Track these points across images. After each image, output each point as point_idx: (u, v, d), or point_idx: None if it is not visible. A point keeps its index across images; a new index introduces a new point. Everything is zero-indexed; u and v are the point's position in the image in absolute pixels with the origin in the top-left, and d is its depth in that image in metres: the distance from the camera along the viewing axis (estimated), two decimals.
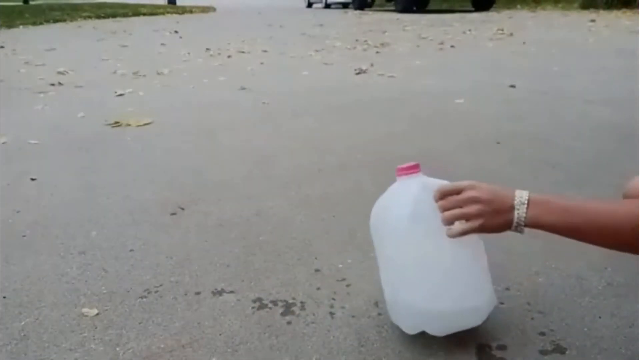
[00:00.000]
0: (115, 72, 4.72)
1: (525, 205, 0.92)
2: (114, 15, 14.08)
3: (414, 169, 1.02)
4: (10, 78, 4.53)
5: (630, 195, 1.46)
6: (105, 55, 5.90)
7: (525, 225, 0.93)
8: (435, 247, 0.99)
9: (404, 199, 1.01)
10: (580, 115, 2.86)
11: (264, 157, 2.28)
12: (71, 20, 12.46)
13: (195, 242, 1.51)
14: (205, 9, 17.74)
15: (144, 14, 14.96)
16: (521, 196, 0.93)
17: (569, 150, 2.25)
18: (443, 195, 0.97)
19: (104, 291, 1.27)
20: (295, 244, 1.48)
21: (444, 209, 0.96)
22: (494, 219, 0.94)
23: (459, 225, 0.96)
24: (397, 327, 1.09)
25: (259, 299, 1.22)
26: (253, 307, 1.19)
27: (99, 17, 13.53)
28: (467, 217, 0.95)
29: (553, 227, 0.92)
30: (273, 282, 1.29)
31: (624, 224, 0.87)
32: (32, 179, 2.04)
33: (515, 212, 0.92)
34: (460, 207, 0.95)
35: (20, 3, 20.90)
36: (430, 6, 14.00)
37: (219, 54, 5.91)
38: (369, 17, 12.44)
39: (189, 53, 5.97)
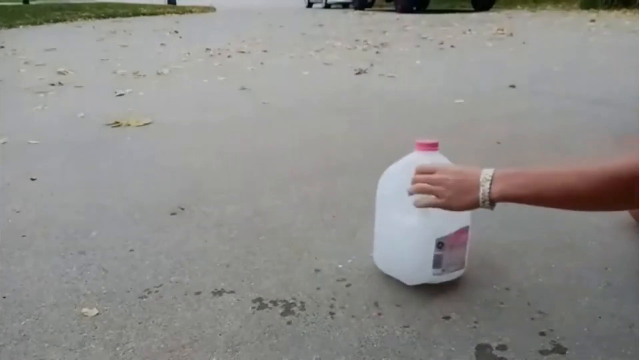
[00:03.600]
0: (115, 72, 4.72)
1: (489, 182, 1.00)
2: (114, 15, 14.08)
3: (433, 147, 1.20)
4: (10, 78, 4.53)
5: None
6: (105, 55, 5.90)
7: (492, 201, 1.01)
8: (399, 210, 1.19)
9: (404, 167, 1.20)
10: (581, 115, 2.86)
11: (264, 157, 2.28)
12: (71, 20, 12.46)
13: (195, 242, 1.51)
14: (205, 9, 17.75)
15: (144, 14, 14.96)
16: (486, 173, 1.01)
17: (569, 150, 2.25)
18: (419, 171, 1.13)
19: (104, 291, 1.27)
20: (295, 244, 1.48)
21: (414, 182, 1.12)
22: (460, 198, 1.04)
23: (424, 199, 1.10)
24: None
25: (259, 299, 1.22)
26: (253, 307, 1.19)
27: (99, 17, 13.53)
28: (432, 193, 1.08)
29: (518, 198, 0.98)
30: (273, 282, 1.29)
31: (580, 185, 0.91)
32: (32, 179, 2.04)
33: (481, 189, 1.00)
34: (430, 184, 1.09)
35: (20, 3, 20.90)
36: (430, 6, 13.99)
37: (219, 54, 5.91)
38: (369, 17, 12.44)
39: (189, 53, 5.97)
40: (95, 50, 6.53)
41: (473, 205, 1.03)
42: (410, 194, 1.13)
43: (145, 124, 2.86)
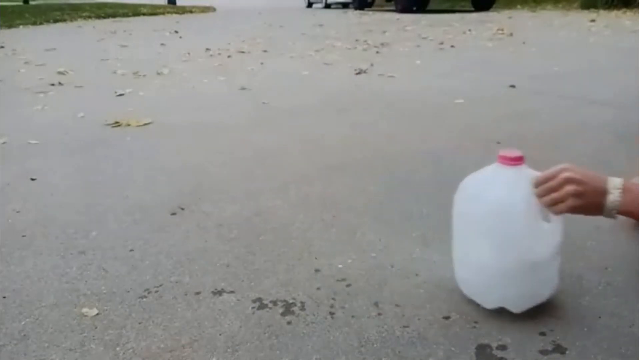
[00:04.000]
0: (115, 72, 4.72)
1: (620, 190, 0.94)
2: (114, 15, 14.08)
3: (519, 160, 1.05)
4: (10, 78, 4.53)
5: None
6: (105, 55, 5.90)
7: (619, 212, 0.95)
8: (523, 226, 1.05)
9: (506, 186, 1.05)
10: (581, 115, 2.85)
11: (264, 157, 2.28)
12: (71, 20, 12.46)
13: (195, 242, 1.51)
14: (205, 9, 17.75)
15: (144, 14, 14.96)
16: (614, 181, 0.95)
17: (569, 150, 2.25)
18: (539, 183, 1.01)
19: (104, 291, 1.27)
20: (295, 244, 1.48)
21: (540, 196, 1.00)
22: (588, 199, 0.96)
23: (558, 207, 1.00)
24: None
25: (259, 299, 1.22)
26: (253, 307, 1.19)
27: (99, 17, 13.53)
28: (563, 199, 0.98)
29: None
30: (273, 282, 1.29)
31: None
32: (32, 179, 2.04)
33: (609, 196, 0.94)
34: (556, 190, 0.98)
35: (20, 3, 20.89)
36: (430, 6, 13.99)
37: (219, 54, 5.91)
38: (369, 17, 12.44)
39: (188, 53, 5.97)
40: (95, 50, 6.53)
41: (597, 210, 0.97)
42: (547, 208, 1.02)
43: (145, 124, 2.86)
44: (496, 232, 1.07)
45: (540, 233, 1.07)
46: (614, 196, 0.94)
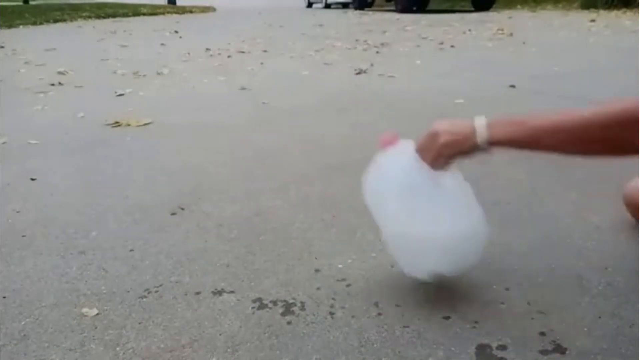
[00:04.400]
0: (115, 72, 4.72)
1: (484, 127, 1.04)
2: (114, 15, 14.08)
3: (395, 139, 1.23)
4: (10, 78, 4.53)
5: (630, 195, 1.47)
6: (105, 55, 5.90)
7: (490, 144, 1.04)
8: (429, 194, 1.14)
9: (398, 167, 1.19)
10: None
11: (263, 157, 2.28)
12: (71, 20, 12.47)
13: (195, 242, 1.51)
14: (205, 9, 17.75)
15: (144, 14, 14.96)
16: (480, 120, 1.05)
17: None
18: (419, 149, 1.13)
19: (104, 291, 1.27)
20: (295, 244, 1.48)
21: (423, 159, 1.11)
22: (461, 144, 1.06)
23: (437, 162, 1.10)
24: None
25: (259, 299, 1.22)
26: (253, 307, 1.19)
27: (99, 17, 13.53)
28: (441, 151, 1.09)
29: (515, 140, 1.02)
30: (273, 282, 1.29)
31: (592, 123, 0.95)
32: (32, 179, 2.04)
33: (477, 134, 1.04)
34: (433, 147, 1.09)
35: (20, 3, 20.90)
36: (430, 6, 13.99)
37: (219, 54, 5.91)
38: (369, 17, 12.45)
39: (189, 53, 5.97)
40: (95, 50, 6.53)
41: (473, 149, 1.06)
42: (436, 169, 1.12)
43: (145, 124, 2.86)
44: (401, 205, 1.16)
45: (441, 200, 1.14)
46: (481, 132, 1.04)
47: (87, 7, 16.43)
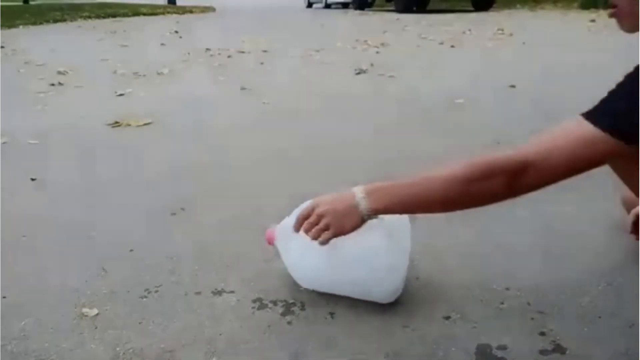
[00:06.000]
0: (115, 72, 4.72)
1: (365, 199, 1.08)
2: (114, 15, 14.08)
3: (271, 239, 1.28)
4: (10, 78, 4.53)
5: (628, 198, 1.47)
6: (105, 55, 5.90)
7: (372, 214, 1.08)
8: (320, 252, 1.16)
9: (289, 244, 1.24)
10: None
11: (263, 157, 2.28)
12: (71, 20, 12.46)
13: (195, 242, 1.51)
14: (205, 9, 17.75)
15: (144, 14, 14.96)
16: (359, 192, 1.09)
17: None
18: (299, 223, 1.15)
19: (104, 291, 1.27)
20: None
21: (306, 232, 1.13)
22: (345, 222, 1.09)
23: (325, 235, 1.11)
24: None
25: (259, 299, 1.22)
26: (253, 307, 1.19)
27: (99, 17, 13.53)
28: (324, 229, 1.11)
29: (391, 209, 1.09)
30: (273, 282, 1.29)
31: (436, 191, 1.05)
32: (32, 179, 2.04)
33: (360, 209, 1.08)
34: (317, 223, 1.12)
35: (20, 3, 20.90)
36: (430, 6, 13.99)
37: (219, 54, 5.91)
38: (369, 17, 12.45)
39: (189, 53, 5.97)
40: (95, 50, 6.53)
41: (358, 224, 1.09)
42: (315, 240, 1.13)
43: (145, 124, 2.86)
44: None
45: (336, 259, 1.16)
46: (363, 204, 1.08)
47: (87, 7, 16.42)
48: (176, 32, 8.97)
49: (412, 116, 2.95)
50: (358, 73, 4.38)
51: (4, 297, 1.25)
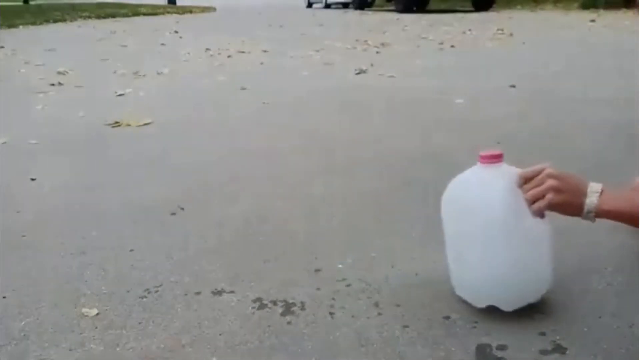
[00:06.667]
0: (115, 72, 4.72)
1: (598, 194, 1.00)
2: (114, 15, 14.08)
3: (498, 158, 1.10)
4: (10, 78, 4.53)
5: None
6: (105, 55, 5.90)
7: (596, 215, 1.02)
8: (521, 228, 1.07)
9: (494, 190, 1.08)
10: (581, 115, 2.85)
11: (263, 157, 2.28)
12: (71, 20, 12.47)
13: (195, 242, 1.51)
14: (205, 9, 17.76)
15: (144, 14, 14.97)
16: (594, 186, 1.02)
17: (570, 150, 2.25)
18: (525, 179, 1.05)
19: (104, 291, 1.27)
20: (295, 244, 1.48)
21: (527, 191, 1.04)
22: (567, 198, 1.02)
23: (538, 203, 1.03)
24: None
25: (259, 299, 1.22)
26: (253, 307, 1.19)
27: (99, 17, 13.54)
28: (544, 193, 1.02)
29: (619, 215, 1.02)
30: (273, 282, 1.29)
31: None
32: (32, 179, 2.04)
33: (588, 199, 1.00)
34: (538, 185, 1.02)
35: (20, 3, 20.89)
36: (430, 6, 14.00)
37: (219, 54, 5.91)
38: (369, 17, 12.45)
39: (189, 53, 5.97)
40: (95, 50, 6.53)
41: (576, 210, 1.03)
42: (530, 204, 1.05)
43: (145, 124, 2.86)
44: (481, 232, 1.09)
45: (527, 232, 1.08)
46: (592, 199, 1.01)
47: (87, 7, 16.43)
48: (176, 32, 8.98)
49: (412, 116, 2.95)
50: (358, 73, 4.38)
51: (4, 297, 1.25)
